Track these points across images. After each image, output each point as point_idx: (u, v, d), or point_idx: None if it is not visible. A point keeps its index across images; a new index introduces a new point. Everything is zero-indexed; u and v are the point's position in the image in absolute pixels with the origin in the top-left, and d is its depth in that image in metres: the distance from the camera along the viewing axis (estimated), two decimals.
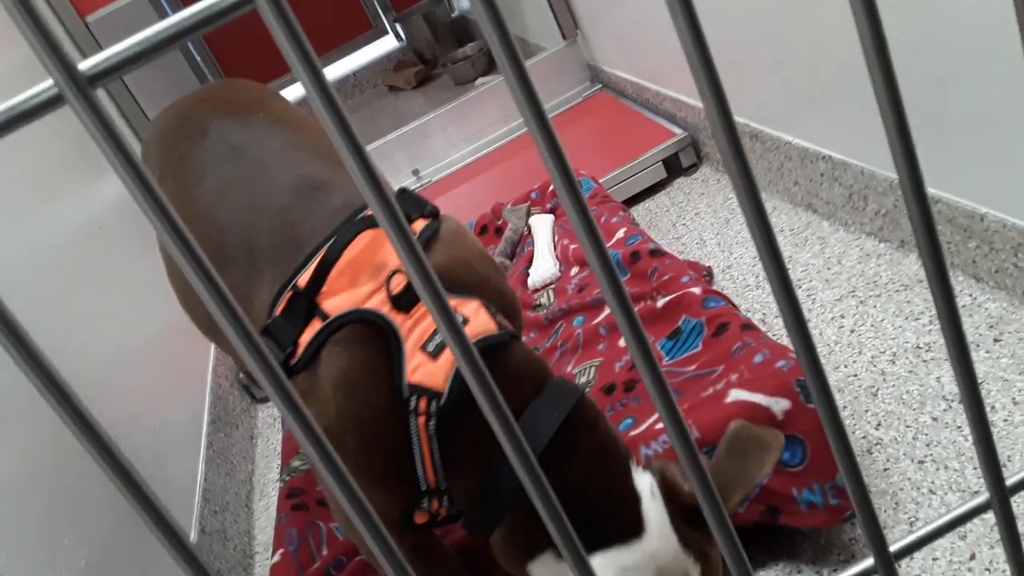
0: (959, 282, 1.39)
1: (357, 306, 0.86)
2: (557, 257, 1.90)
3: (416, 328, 0.86)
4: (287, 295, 0.91)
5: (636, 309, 1.56)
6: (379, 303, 0.87)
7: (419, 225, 0.96)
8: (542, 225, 1.98)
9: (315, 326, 0.87)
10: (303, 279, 0.91)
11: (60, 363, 0.24)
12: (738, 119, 1.92)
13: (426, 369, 0.83)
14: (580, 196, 0.31)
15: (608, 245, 1.78)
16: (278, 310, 0.91)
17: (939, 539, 1.02)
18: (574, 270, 1.83)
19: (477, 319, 0.88)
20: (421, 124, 2.68)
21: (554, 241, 1.94)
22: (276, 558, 1.33)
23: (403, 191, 1.01)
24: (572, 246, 1.87)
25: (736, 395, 1.16)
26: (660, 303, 1.53)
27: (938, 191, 1.36)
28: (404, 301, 0.86)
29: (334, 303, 0.88)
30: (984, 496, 0.44)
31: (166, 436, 1.45)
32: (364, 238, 0.92)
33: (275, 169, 1.01)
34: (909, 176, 0.34)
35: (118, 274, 1.59)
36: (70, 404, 0.28)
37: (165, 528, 0.30)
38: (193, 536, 1.33)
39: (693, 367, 1.35)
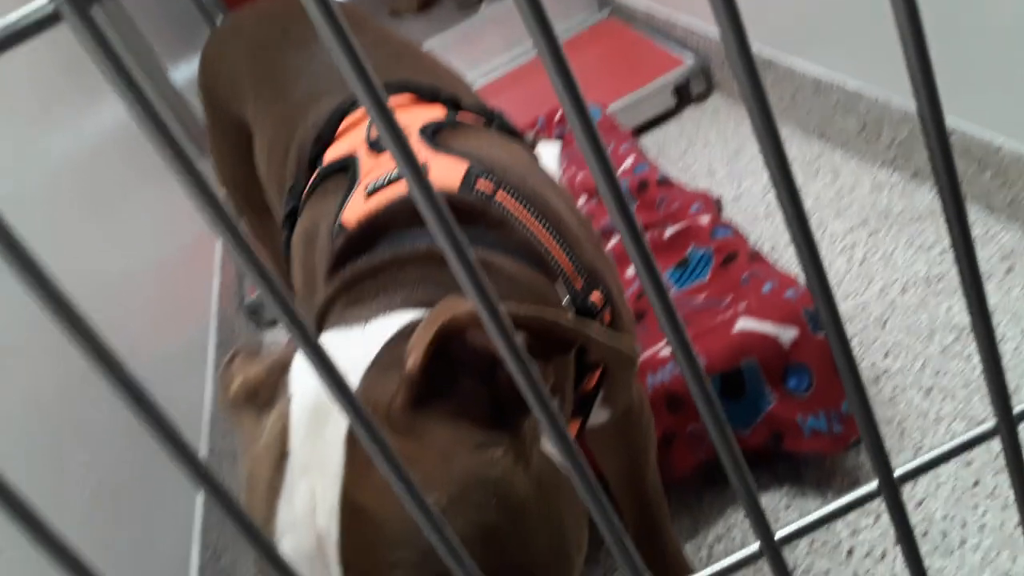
0: (973, 213, 1.37)
1: (344, 154, 0.85)
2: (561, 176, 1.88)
3: (375, 171, 0.78)
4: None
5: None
6: (359, 144, 0.84)
7: (469, 117, 0.90)
8: (549, 153, 1.96)
9: (312, 177, 0.87)
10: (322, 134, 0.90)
11: (70, 290, 0.24)
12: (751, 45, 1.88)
13: (354, 209, 0.75)
14: (591, 122, 0.30)
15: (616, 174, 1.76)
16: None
17: (944, 465, 1.03)
18: (581, 199, 1.82)
19: (443, 173, 0.75)
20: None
21: (561, 169, 1.92)
22: None
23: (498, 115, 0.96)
24: (579, 175, 1.85)
25: (744, 324, 1.16)
26: (668, 233, 1.52)
27: (954, 121, 1.33)
28: (380, 146, 0.81)
29: (330, 153, 0.87)
30: (991, 423, 0.44)
31: (173, 361, 1.46)
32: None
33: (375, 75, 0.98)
34: (928, 102, 0.33)
35: (120, 199, 1.59)
36: (80, 327, 0.28)
37: (176, 445, 0.30)
38: (202, 455, 1.36)
39: (701, 297, 1.35)
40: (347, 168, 0.82)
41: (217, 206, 0.28)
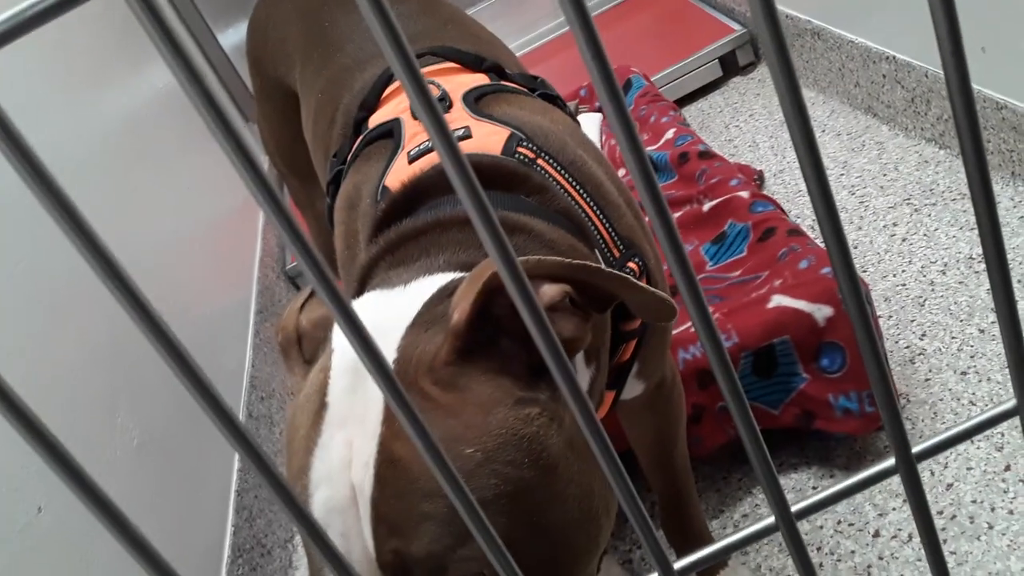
0: (1020, 192, 1.34)
1: (388, 119, 0.85)
2: (602, 144, 1.87)
3: (419, 135, 0.79)
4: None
5: (681, 212, 1.54)
6: (403, 110, 0.85)
7: (513, 84, 0.90)
8: (590, 124, 1.94)
9: (356, 143, 0.88)
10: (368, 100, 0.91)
11: (118, 252, 0.24)
12: (799, 15, 1.84)
13: (397, 173, 0.76)
14: (620, 96, 0.30)
15: (656, 146, 1.75)
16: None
17: (975, 449, 1.02)
18: (621, 171, 1.81)
19: (485, 139, 0.75)
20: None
21: (602, 141, 1.91)
22: None
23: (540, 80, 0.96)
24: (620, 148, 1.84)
25: (778, 301, 1.15)
26: (706, 207, 1.50)
27: (1005, 96, 1.30)
28: None
29: (376, 116, 0.88)
30: (1012, 402, 0.44)
31: (215, 325, 1.49)
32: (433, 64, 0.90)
33: (419, 41, 0.98)
34: (955, 67, 0.33)
35: (168, 164, 1.61)
36: (128, 290, 0.28)
37: (217, 409, 0.31)
38: (242, 420, 1.39)
39: (737, 273, 1.34)
40: (391, 133, 0.83)
41: (258, 172, 0.28)
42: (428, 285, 0.61)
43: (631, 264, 0.75)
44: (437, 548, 0.50)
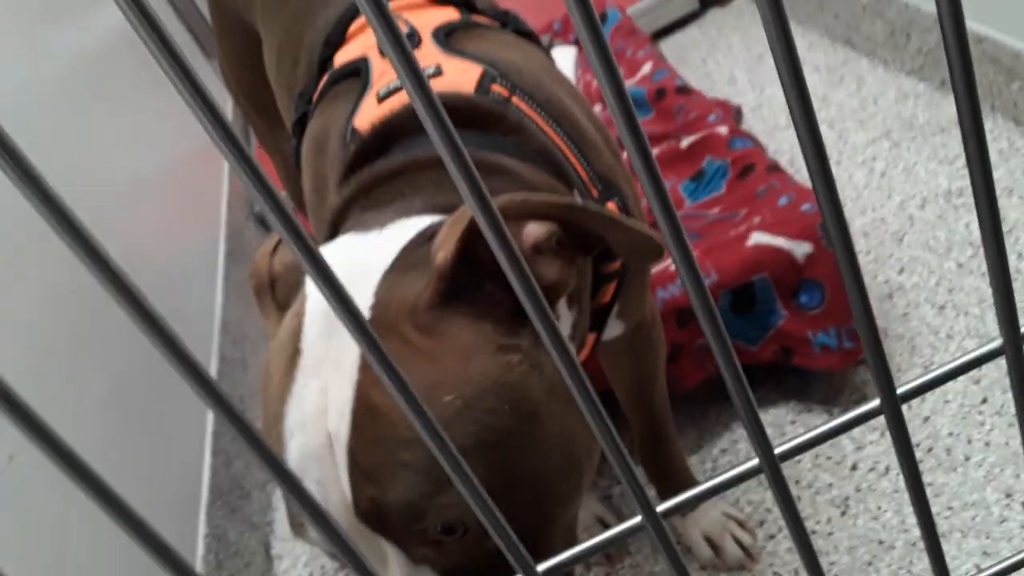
0: (999, 125, 1.33)
1: (355, 57, 0.82)
2: (578, 80, 1.83)
3: (387, 74, 0.76)
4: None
5: (659, 149, 1.52)
6: (370, 47, 0.81)
7: (484, 19, 0.86)
8: (564, 59, 1.90)
9: (322, 82, 0.85)
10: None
11: (72, 196, 0.23)
12: None
13: (366, 114, 0.73)
14: (599, 28, 0.28)
15: (633, 81, 1.71)
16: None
17: (949, 383, 1.02)
18: (597, 107, 1.78)
19: (457, 77, 0.72)
20: None
21: (577, 75, 1.87)
22: None
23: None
24: (595, 82, 1.81)
25: (757, 238, 1.14)
26: (684, 143, 1.48)
27: (984, 28, 1.28)
28: None
29: (342, 54, 0.84)
30: (998, 342, 0.43)
31: (183, 269, 1.46)
32: None
33: None
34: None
35: (126, 104, 1.56)
36: (83, 239, 0.27)
37: (182, 358, 0.29)
38: (214, 364, 1.37)
39: (716, 210, 1.33)
40: (358, 72, 0.80)
41: (220, 121, 0.26)
42: (405, 228, 0.59)
43: (610, 204, 0.73)
44: (414, 496, 0.49)
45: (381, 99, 0.73)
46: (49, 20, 1.42)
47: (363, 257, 0.57)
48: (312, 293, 0.57)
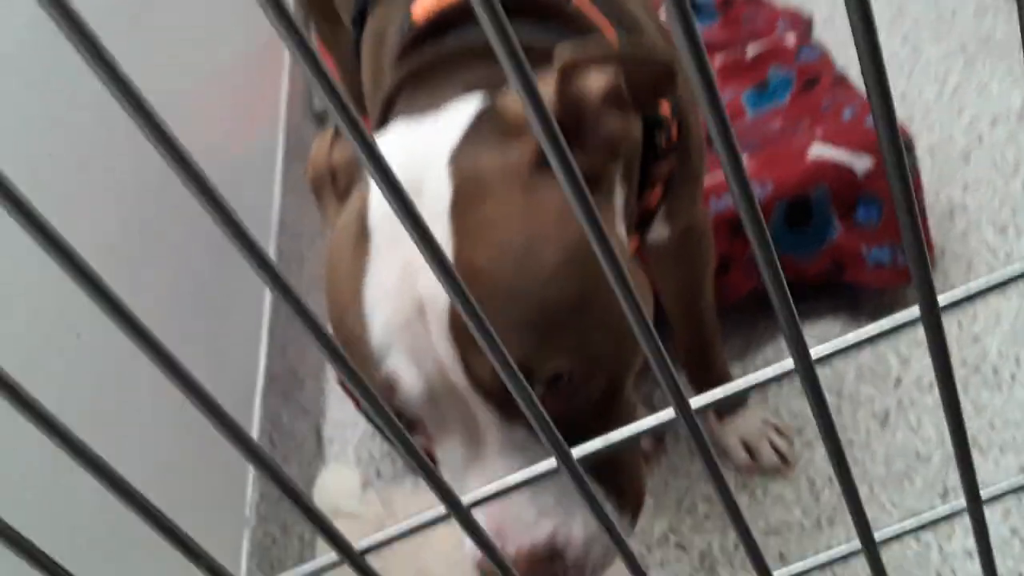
0: None
1: None
2: None
3: None
4: None
5: (723, 58, 1.49)
6: None
7: None
8: None
9: None
10: None
11: (143, 88, 0.24)
12: None
13: (424, 4, 0.72)
14: None
15: None
16: None
17: (1006, 302, 1.01)
18: (661, 11, 1.73)
19: None
20: None
21: None
22: None
23: None
24: None
25: (818, 150, 1.12)
26: (750, 53, 1.44)
27: None
28: None
29: None
30: None
31: (242, 167, 1.49)
32: None
33: None
34: None
35: (186, 1, 1.57)
36: (154, 124, 0.28)
37: (246, 242, 0.31)
38: (272, 257, 1.40)
39: (778, 122, 1.30)
40: None
41: (281, 8, 0.27)
42: (463, 107, 0.59)
43: (664, 106, 0.73)
44: (527, 352, 0.51)
45: None
46: None
47: (425, 139, 0.58)
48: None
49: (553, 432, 0.40)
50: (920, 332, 0.45)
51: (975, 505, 0.50)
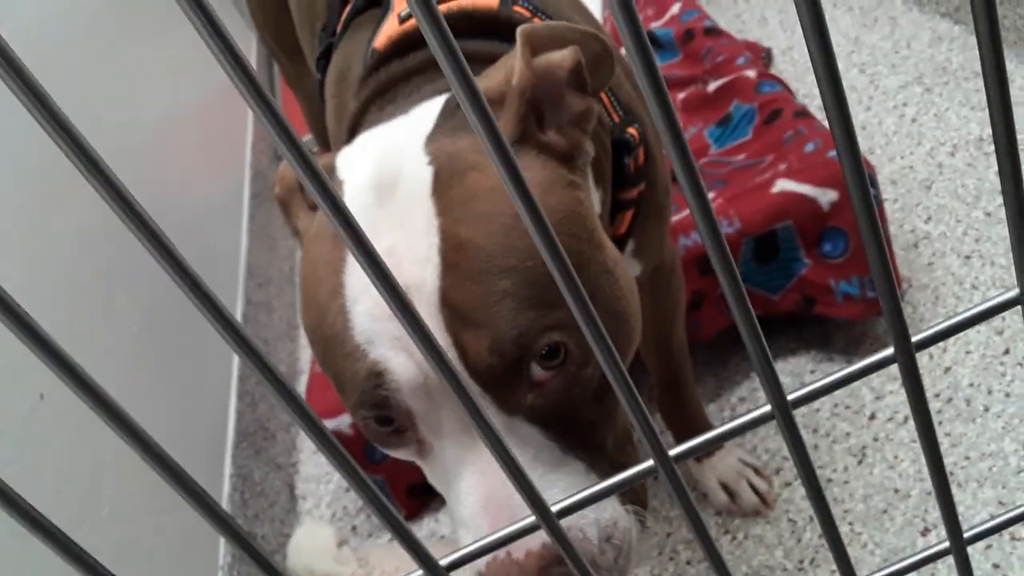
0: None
1: None
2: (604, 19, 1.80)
3: None
4: None
5: (686, 93, 1.50)
6: None
7: None
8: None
9: (344, 13, 0.85)
10: None
11: (98, 135, 0.23)
12: None
13: (386, 33, 0.74)
14: None
15: (661, 22, 1.68)
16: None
17: (974, 333, 1.02)
18: (622, 50, 1.75)
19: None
20: None
21: (604, 16, 1.84)
22: None
23: None
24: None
25: (782, 185, 1.13)
26: (712, 87, 1.46)
27: None
28: None
29: None
30: (1015, 291, 0.43)
31: (208, 212, 1.48)
32: None
33: None
34: None
35: (150, 47, 1.56)
36: (110, 184, 0.27)
37: (206, 300, 0.30)
38: (239, 307, 1.39)
39: (741, 157, 1.31)
40: (380, 0, 0.79)
41: (236, 57, 0.26)
42: (433, 104, 0.60)
43: (630, 129, 0.73)
44: (521, 323, 0.49)
45: (403, 20, 0.73)
46: None
47: (397, 134, 0.58)
48: (348, 180, 0.57)
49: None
50: (894, 366, 0.45)
51: (958, 544, 0.50)
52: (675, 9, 1.68)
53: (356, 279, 0.53)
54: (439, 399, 0.52)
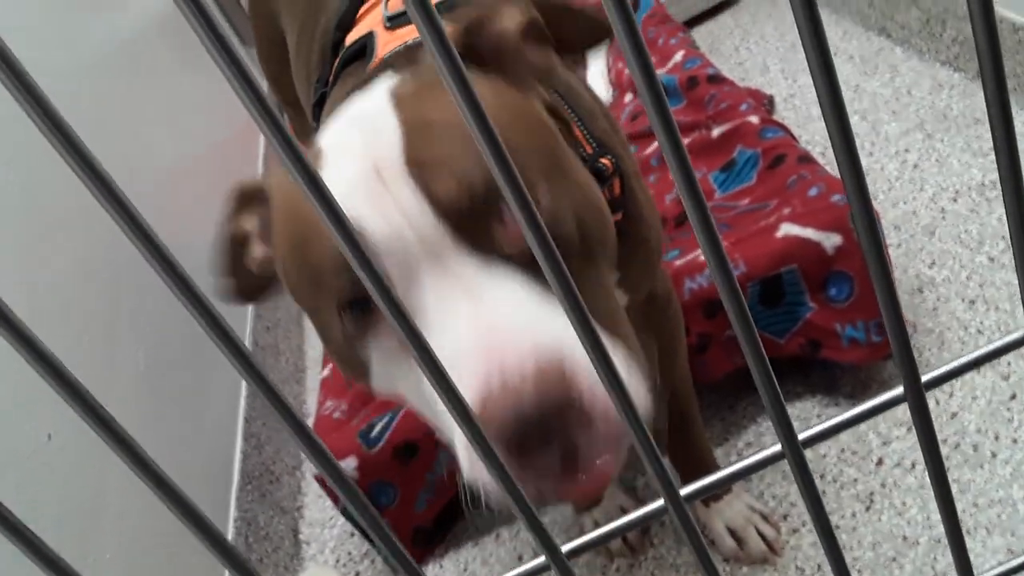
0: None
1: (365, 33, 0.84)
2: (611, 82, 1.83)
3: (391, 43, 0.79)
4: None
5: (690, 139, 1.52)
6: (376, 23, 0.83)
7: None
8: (593, 71, 1.90)
9: (335, 64, 0.87)
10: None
11: (115, 176, 0.23)
12: None
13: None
14: (630, 14, 0.29)
15: (665, 69, 1.71)
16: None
17: (981, 378, 1.02)
18: (628, 96, 1.77)
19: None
20: None
21: (608, 65, 1.87)
22: (326, 372, 1.39)
23: None
24: (627, 70, 1.80)
25: (787, 229, 1.13)
26: (715, 133, 1.48)
27: (1022, 18, 1.26)
28: (397, 21, 0.81)
29: (352, 35, 0.87)
30: (1021, 331, 0.43)
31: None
32: None
33: None
34: None
35: (163, 91, 1.59)
36: (132, 218, 0.28)
37: (222, 335, 0.30)
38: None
39: (746, 201, 1.32)
40: (365, 49, 0.81)
41: (255, 91, 0.27)
42: (389, 78, 0.62)
43: (604, 160, 0.73)
44: (488, 172, 0.50)
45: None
46: (88, 6, 1.45)
47: (358, 110, 0.60)
48: (323, 139, 0.59)
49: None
50: (899, 411, 0.45)
51: None
52: (678, 57, 1.70)
53: (337, 182, 0.53)
54: (419, 258, 0.52)
